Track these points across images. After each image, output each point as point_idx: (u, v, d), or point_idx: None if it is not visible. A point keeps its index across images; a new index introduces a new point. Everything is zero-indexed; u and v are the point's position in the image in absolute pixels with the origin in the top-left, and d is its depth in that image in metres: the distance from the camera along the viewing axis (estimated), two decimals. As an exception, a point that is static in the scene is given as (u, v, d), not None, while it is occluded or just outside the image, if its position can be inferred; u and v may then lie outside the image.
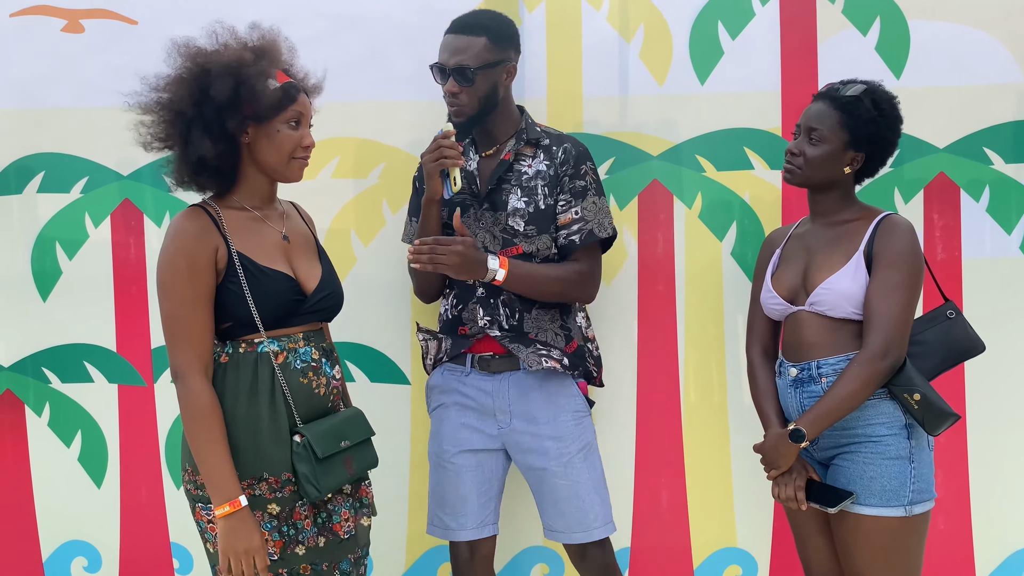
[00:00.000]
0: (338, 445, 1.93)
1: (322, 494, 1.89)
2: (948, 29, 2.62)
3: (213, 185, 1.95)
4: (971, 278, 2.65)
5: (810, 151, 2.09)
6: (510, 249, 2.28)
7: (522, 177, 2.30)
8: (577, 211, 2.28)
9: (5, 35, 2.71)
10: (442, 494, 2.36)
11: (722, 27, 2.66)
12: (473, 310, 2.30)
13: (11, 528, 2.80)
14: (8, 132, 2.73)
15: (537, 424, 2.30)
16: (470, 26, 2.23)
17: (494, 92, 2.25)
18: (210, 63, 1.86)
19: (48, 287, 2.75)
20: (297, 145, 1.94)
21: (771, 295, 2.18)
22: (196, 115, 1.85)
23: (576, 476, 2.30)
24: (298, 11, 2.67)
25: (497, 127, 2.32)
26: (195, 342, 1.86)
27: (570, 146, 2.31)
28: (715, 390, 2.72)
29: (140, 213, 2.74)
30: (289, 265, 1.98)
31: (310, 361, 1.97)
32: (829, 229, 2.15)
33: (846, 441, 2.07)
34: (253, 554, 1.82)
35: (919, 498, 2.02)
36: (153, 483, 2.77)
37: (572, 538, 2.31)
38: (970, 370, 2.65)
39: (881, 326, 1.99)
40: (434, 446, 2.40)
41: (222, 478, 1.82)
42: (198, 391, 1.85)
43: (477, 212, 2.31)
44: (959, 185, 2.65)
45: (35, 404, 2.78)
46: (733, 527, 2.73)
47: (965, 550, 2.70)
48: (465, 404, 2.34)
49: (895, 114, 2.12)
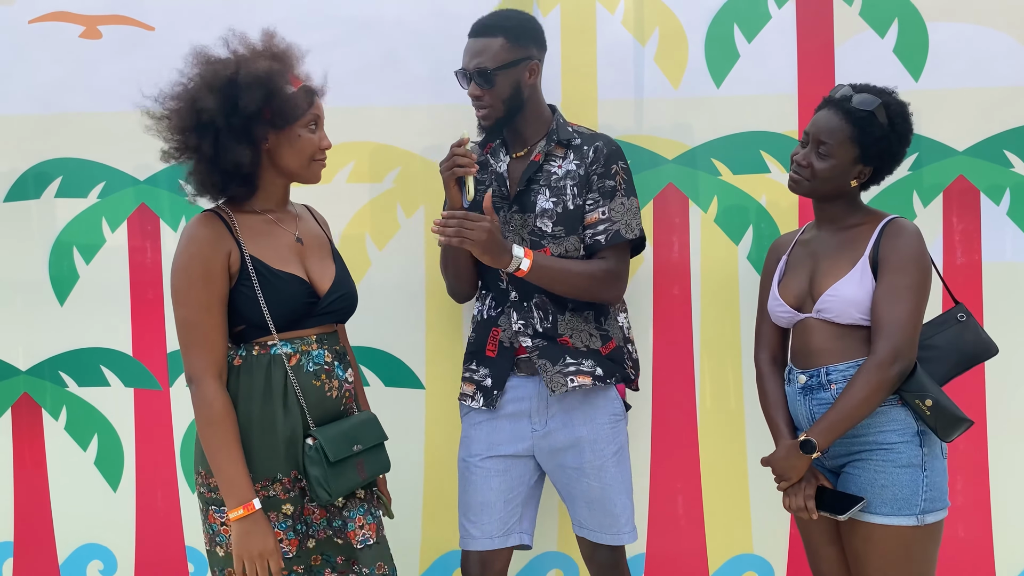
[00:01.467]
0: (350, 449, 1.94)
1: (333, 498, 1.89)
2: (967, 31, 2.60)
3: (242, 193, 1.97)
4: (991, 282, 2.62)
5: (818, 164, 2.06)
6: (539, 251, 2.25)
7: (551, 178, 2.28)
8: (604, 211, 2.26)
9: (24, 41, 2.73)
10: (468, 501, 2.34)
11: (738, 30, 2.65)
12: (507, 314, 2.29)
13: (28, 531, 2.82)
14: (27, 137, 2.75)
15: (573, 426, 2.28)
16: (487, 27, 2.23)
17: (518, 92, 2.24)
18: (238, 74, 1.86)
19: (65, 291, 2.77)
20: (316, 148, 1.97)
21: (778, 303, 2.16)
22: (225, 124, 1.86)
23: (608, 480, 2.29)
24: (313, 16, 2.68)
25: (527, 127, 2.30)
26: (209, 347, 1.88)
27: (602, 145, 2.28)
28: (731, 395, 2.70)
29: (156, 218, 2.75)
30: (302, 267, 1.99)
31: (323, 364, 1.98)
32: (834, 235, 2.13)
33: (857, 449, 2.04)
34: (268, 557, 1.84)
35: (931, 507, 1.99)
36: (169, 487, 2.78)
37: (601, 538, 2.30)
38: (990, 375, 2.61)
39: (889, 332, 1.96)
40: (463, 451, 2.37)
41: (236, 482, 1.83)
42: (212, 395, 1.86)
43: (506, 214, 2.29)
44: (979, 188, 2.62)
45: (52, 408, 2.79)
46: (749, 533, 2.71)
47: (986, 558, 2.66)
48: (499, 409, 2.31)
49: (907, 127, 2.08)
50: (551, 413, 2.29)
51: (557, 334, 2.27)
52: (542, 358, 2.26)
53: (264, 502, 1.89)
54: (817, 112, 2.11)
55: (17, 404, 2.79)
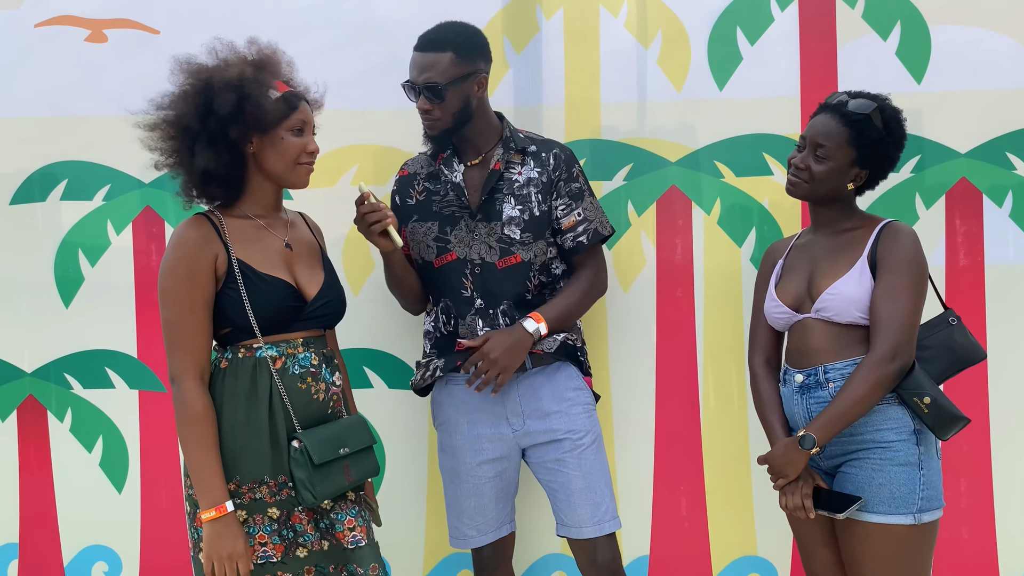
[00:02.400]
0: (336, 452, 1.94)
1: (318, 500, 1.90)
2: (970, 33, 2.60)
3: (221, 195, 2.00)
4: (994, 284, 2.62)
5: (816, 167, 2.09)
6: (508, 259, 2.29)
7: (514, 185, 2.31)
8: (579, 212, 2.32)
9: (30, 45, 2.75)
10: (460, 506, 2.37)
11: (740, 32, 2.65)
12: (471, 323, 2.31)
13: (33, 532, 2.83)
14: (32, 140, 2.76)
15: (550, 419, 2.31)
16: (435, 42, 2.23)
17: (467, 105, 2.26)
18: (213, 79, 1.91)
19: (71, 294, 2.78)
20: (301, 151, 1.99)
21: (776, 304, 2.17)
22: (200, 129, 1.90)
23: (589, 468, 2.31)
24: (316, 19, 2.69)
25: (477, 136, 2.32)
26: (192, 348, 1.90)
27: (559, 151, 2.33)
28: (734, 397, 2.70)
29: (161, 220, 2.76)
30: (290, 272, 2.01)
31: (309, 367, 1.99)
32: (832, 238, 2.15)
33: (854, 448, 2.05)
34: (236, 559, 1.85)
35: (928, 506, 2.00)
36: (173, 488, 2.79)
37: (583, 532, 2.31)
38: (993, 377, 2.61)
39: (889, 329, 1.98)
40: (448, 460, 2.39)
41: (210, 483, 1.85)
42: (192, 396, 1.88)
43: (470, 224, 2.31)
44: (981, 190, 2.62)
45: (57, 410, 2.80)
46: (753, 535, 2.71)
47: (989, 559, 2.66)
48: (475, 414, 2.34)
49: (901, 131, 2.12)
50: (526, 412, 2.31)
51: None
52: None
53: (250, 504, 1.90)
54: (813, 117, 2.14)
55: (23, 406, 2.80)
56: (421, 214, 2.36)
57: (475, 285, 2.30)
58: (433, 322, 2.38)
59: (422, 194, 2.37)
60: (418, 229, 2.36)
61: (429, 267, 2.35)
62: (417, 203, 2.37)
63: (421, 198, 2.37)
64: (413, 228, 2.37)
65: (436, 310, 2.37)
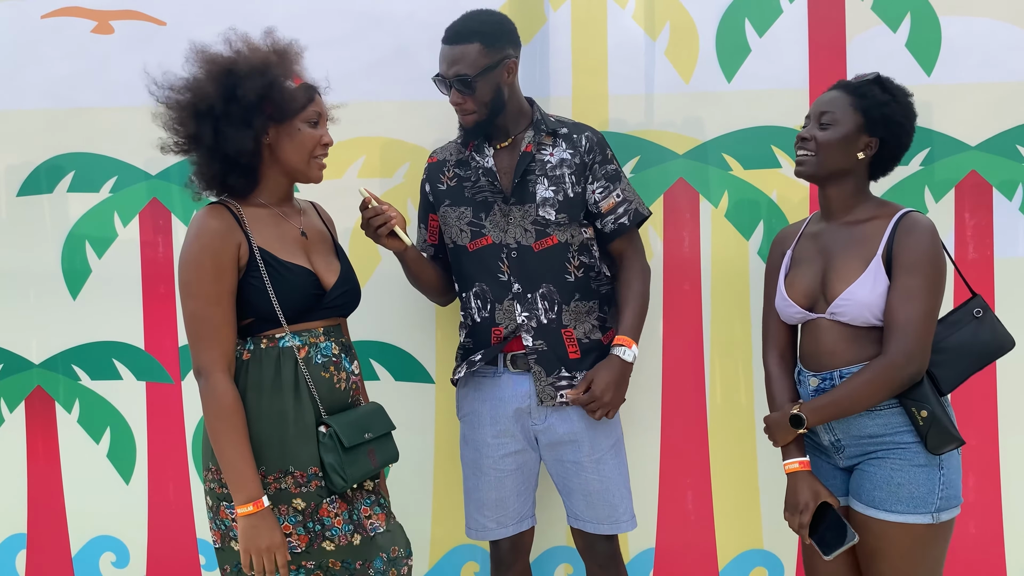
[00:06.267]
0: (362, 436, 1.95)
1: (348, 484, 1.90)
2: (980, 25, 2.58)
3: (240, 185, 1.97)
4: (1003, 278, 2.61)
5: (821, 135, 2.02)
6: (544, 240, 2.27)
7: (546, 167, 2.29)
8: (618, 194, 2.31)
9: (37, 36, 2.74)
10: (481, 498, 2.36)
11: (749, 24, 2.64)
12: (509, 307, 2.29)
13: (41, 523, 2.84)
14: (39, 132, 2.76)
15: (572, 420, 2.29)
16: (462, 34, 2.22)
17: (499, 93, 2.24)
18: (237, 64, 1.88)
19: (78, 285, 2.78)
20: (317, 143, 1.98)
21: (787, 302, 2.11)
22: (224, 112, 1.87)
23: (607, 472, 2.30)
24: (324, 10, 2.68)
25: (509, 121, 2.31)
26: (219, 340, 1.88)
27: (591, 134, 2.32)
28: (741, 390, 2.70)
29: (168, 212, 2.76)
30: (308, 260, 2.00)
31: (331, 355, 1.99)
32: (844, 230, 2.06)
33: (873, 448, 2.02)
34: (275, 551, 1.84)
35: (946, 505, 1.97)
36: (180, 480, 2.79)
37: (599, 529, 2.32)
38: (1002, 372, 2.60)
39: (902, 334, 1.92)
40: (470, 452, 2.39)
41: (244, 477, 1.84)
42: (222, 389, 1.86)
43: (504, 208, 2.29)
44: (991, 184, 2.61)
45: (65, 401, 2.81)
46: (759, 529, 2.71)
47: (997, 555, 2.65)
48: (499, 406, 2.33)
49: (907, 101, 2.05)
50: (549, 409, 2.30)
51: (561, 324, 2.28)
52: (538, 364, 2.27)
53: (275, 495, 1.90)
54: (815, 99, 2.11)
55: (31, 397, 2.81)
56: (453, 199, 2.34)
57: (512, 269, 2.28)
58: (466, 310, 2.36)
59: (452, 180, 2.36)
60: (450, 214, 2.34)
61: (463, 251, 2.33)
62: (448, 188, 2.36)
63: (452, 184, 2.35)
64: (445, 212, 2.35)
65: (469, 295, 2.34)
